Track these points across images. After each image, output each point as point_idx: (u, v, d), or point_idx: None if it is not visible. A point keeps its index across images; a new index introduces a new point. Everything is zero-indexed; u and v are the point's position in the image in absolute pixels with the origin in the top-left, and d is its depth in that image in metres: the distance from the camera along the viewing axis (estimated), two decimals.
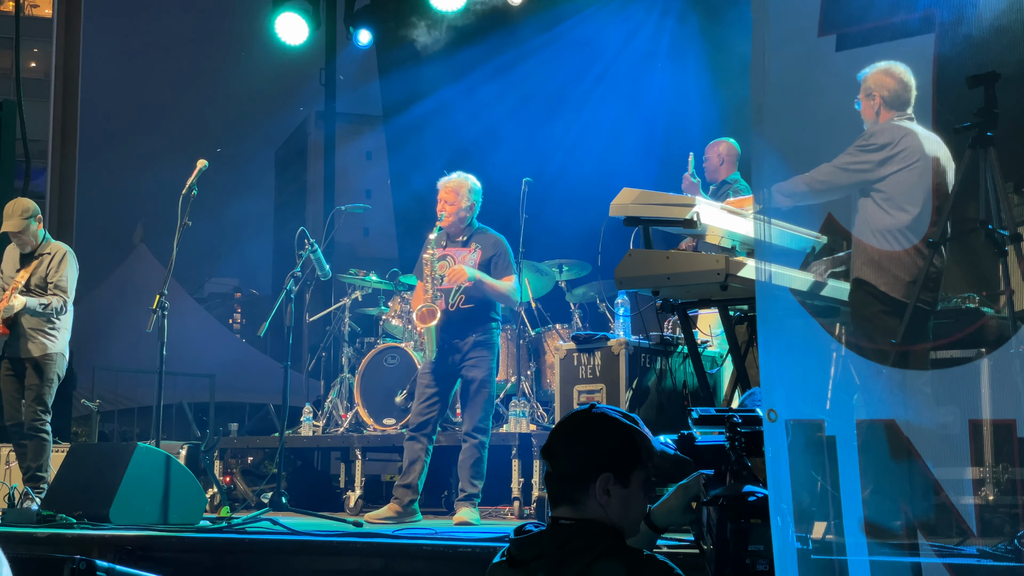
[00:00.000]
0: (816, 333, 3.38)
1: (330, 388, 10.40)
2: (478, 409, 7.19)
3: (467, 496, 7.14)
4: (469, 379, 7.22)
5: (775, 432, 3.06)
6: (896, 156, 4.52)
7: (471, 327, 7.23)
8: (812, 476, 3.10)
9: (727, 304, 5.72)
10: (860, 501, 3.04)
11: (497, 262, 7.27)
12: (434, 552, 5.20)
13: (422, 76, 13.22)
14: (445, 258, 7.29)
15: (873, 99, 4.59)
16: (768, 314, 3.19)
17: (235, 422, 11.93)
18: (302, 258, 7.65)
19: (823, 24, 3.41)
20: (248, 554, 5.69)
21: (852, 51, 3.49)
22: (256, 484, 10.43)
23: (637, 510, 2.96)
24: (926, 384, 3.14)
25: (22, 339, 7.80)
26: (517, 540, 2.93)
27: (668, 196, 5.40)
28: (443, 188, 7.38)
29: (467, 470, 7.16)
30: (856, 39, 3.48)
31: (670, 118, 11.13)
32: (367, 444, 9.38)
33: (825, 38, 3.42)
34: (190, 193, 7.42)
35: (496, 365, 7.33)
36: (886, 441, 3.07)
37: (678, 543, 4.56)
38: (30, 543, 6.05)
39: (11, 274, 7.94)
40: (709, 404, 5.94)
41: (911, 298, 4.40)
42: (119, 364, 19.61)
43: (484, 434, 7.19)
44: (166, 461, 6.95)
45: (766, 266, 3.24)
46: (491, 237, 7.38)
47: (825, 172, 4.33)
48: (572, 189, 11.14)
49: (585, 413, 3.00)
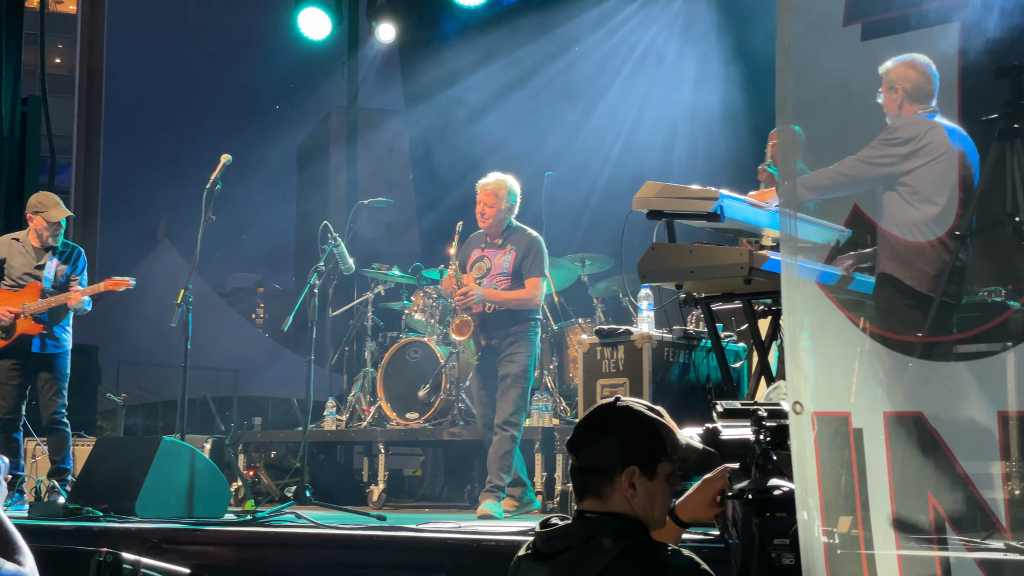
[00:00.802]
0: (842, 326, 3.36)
1: (353, 382, 10.43)
2: (509, 403, 7.23)
3: (492, 488, 7.15)
4: (504, 375, 7.29)
5: (801, 425, 3.04)
6: (921, 150, 4.49)
7: (507, 326, 7.34)
8: (837, 470, 3.08)
9: (751, 298, 5.71)
10: (888, 495, 3.02)
11: (526, 263, 7.34)
12: (458, 545, 5.21)
13: (444, 70, 13.23)
14: (483, 259, 7.46)
15: (896, 92, 4.56)
16: (794, 307, 3.17)
17: (258, 416, 11.95)
18: (326, 252, 7.66)
19: (848, 14, 3.39)
20: (273, 547, 5.71)
21: (877, 40, 3.45)
22: (279, 478, 10.46)
23: (663, 503, 2.95)
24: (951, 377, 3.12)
25: (44, 335, 7.85)
26: (542, 534, 2.93)
27: (691, 189, 5.38)
28: (482, 190, 7.46)
29: (495, 462, 7.19)
30: (881, 28, 3.45)
31: (694, 110, 11.11)
32: (390, 438, 9.39)
33: (850, 28, 3.39)
34: (214, 188, 7.44)
35: (533, 363, 7.40)
36: (914, 434, 3.05)
37: (703, 536, 4.55)
38: (57, 536, 6.08)
39: (28, 270, 7.92)
40: (733, 398, 5.92)
41: (936, 292, 4.38)
42: (143, 359, 19.70)
43: (514, 428, 7.22)
44: (191, 455, 6.98)
45: (792, 259, 3.22)
46: (526, 237, 7.44)
47: (849, 166, 4.30)
48: (595, 182, 11.13)
49: (610, 406, 2.99)
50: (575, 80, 12.29)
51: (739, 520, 3.08)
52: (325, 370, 13.47)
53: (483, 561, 4.97)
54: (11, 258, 8.00)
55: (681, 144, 11.04)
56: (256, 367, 22.55)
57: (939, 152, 4.45)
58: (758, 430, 3.21)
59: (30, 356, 7.89)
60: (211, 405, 14.81)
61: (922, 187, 4.41)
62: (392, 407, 9.45)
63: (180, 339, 7.38)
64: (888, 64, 4.06)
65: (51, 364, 7.91)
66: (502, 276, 7.38)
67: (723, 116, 10.70)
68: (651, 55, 11.75)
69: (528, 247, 7.38)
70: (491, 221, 7.42)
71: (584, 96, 12.12)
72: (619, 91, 11.86)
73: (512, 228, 7.50)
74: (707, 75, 11.02)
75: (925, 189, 4.39)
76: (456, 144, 12.97)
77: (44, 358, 7.90)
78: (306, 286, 7.52)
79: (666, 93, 11.47)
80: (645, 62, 11.79)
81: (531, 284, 7.33)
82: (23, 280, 7.91)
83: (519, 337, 7.32)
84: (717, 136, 10.70)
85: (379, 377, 9.60)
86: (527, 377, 7.32)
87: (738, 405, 3.43)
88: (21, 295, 7.85)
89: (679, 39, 11.62)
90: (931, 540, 2.98)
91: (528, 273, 7.33)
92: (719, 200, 5.24)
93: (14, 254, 8.00)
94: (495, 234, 7.49)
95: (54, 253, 7.98)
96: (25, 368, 7.92)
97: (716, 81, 10.89)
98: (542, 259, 7.40)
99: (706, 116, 10.84)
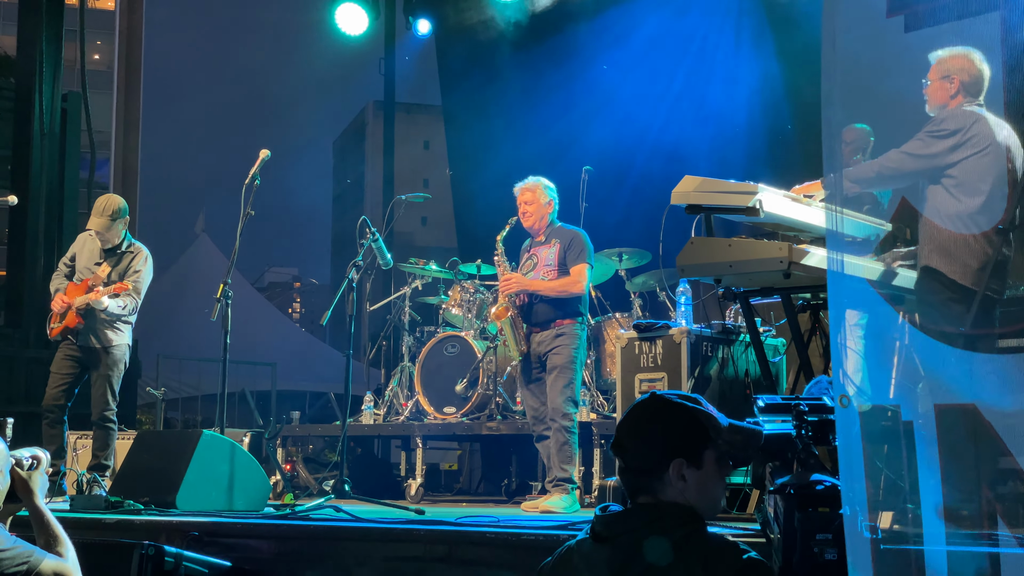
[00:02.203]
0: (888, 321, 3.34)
1: (391, 377, 10.45)
2: (556, 394, 7.25)
3: (554, 481, 7.20)
4: (551, 367, 7.33)
5: (847, 418, 3.01)
6: (967, 142, 4.45)
7: (551, 319, 7.40)
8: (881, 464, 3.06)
9: (790, 292, 5.68)
10: (939, 489, 2.99)
11: (569, 253, 7.43)
12: (497, 539, 5.21)
13: (481, 65, 13.23)
14: (531, 257, 7.58)
15: (951, 82, 4.50)
16: (840, 301, 3.15)
17: (297, 410, 12.00)
18: (364, 247, 7.68)
19: (891, 4, 3.37)
20: (312, 540, 5.73)
21: (920, 31, 3.43)
22: (318, 472, 10.50)
23: (716, 490, 2.92)
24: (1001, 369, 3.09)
25: (95, 329, 7.92)
26: (602, 518, 2.92)
27: (730, 184, 5.36)
28: (520, 193, 7.61)
29: (554, 456, 7.24)
30: (924, 19, 3.43)
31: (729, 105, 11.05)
32: (427, 432, 9.41)
33: (893, 19, 3.38)
34: (253, 183, 7.47)
35: (579, 354, 7.38)
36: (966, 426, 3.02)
37: (744, 531, 4.54)
38: (99, 529, 6.14)
39: (89, 265, 8.04)
40: (772, 392, 5.90)
41: (980, 285, 4.34)
42: (182, 352, 19.82)
43: (566, 419, 7.23)
44: (231, 448, 7.02)
45: (838, 255, 3.20)
46: (569, 232, 7.54)
47: (894, 159, 4.28)
48: (633, 177, 11.10)
49: (646, 403, 2.98)
50: (613, 73, 12.24)
51: (781, 515, 3.07)
52: (363, 364, 13.52)
53: (522, 555, 4.97)
54: (80, 253, 8.18)
55: (720, 138, 10.98)
56: (294, 361, 22.65)
57: (984, 144, 4.41)
58: (800, 425, 3.20)
59: (82, 350, 7.97)
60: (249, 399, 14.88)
61: (967, 179, 4.37)
62: (429, 401, 9.47)
63: (219, 333, 7.41)
64: (941, 53, 4.02)
65: (104, 360, 7.96)
66: (548, 268, 7.46)
67: (764, 109, 10.65)
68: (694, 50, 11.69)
69: (572, 239, 7.46)
70: (534, 219, 7.55)
71: (623, 89, 12.06)
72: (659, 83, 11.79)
73: (555, 226, 7.61)
74: (747, 67, 10.96)
75: (970, 181, 4.36)
76: (493, 139, 12.97)
77: (96, 352, 7.96)
78: (345, 280, 7.54)
79: (708, 85, 11.41)
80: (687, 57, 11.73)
81: (576, 271, 7.38)
82: (83, 273, 8.05)
83: (564, 329, 7.34)
84: (758, 129, 10.65)
85: (416, 371, 9.63)
86: (574, 368, 7.31)
87: (779, 400, 3.41)
88: (79, 288, 7.96)
89: (718, 31, 11.55)
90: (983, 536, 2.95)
91: (572, 262, 7.40)
92: (758, 194, 5.22)
93: (83, 249, 8.17)
94: (539, 232, 7.60)
95: (117, 253, 8.06)
96: (77, 360, 8.00)
97: (756, 73, 10.83)
98: (587, 250, 7.46)
99: (747, 110, 10.78)
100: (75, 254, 8.20)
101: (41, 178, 11.76)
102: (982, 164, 4.37)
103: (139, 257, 8.06)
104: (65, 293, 7.99)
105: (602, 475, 8.03)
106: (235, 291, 7.66)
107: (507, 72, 12.85)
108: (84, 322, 7.87)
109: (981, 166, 4.36)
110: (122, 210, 8.05)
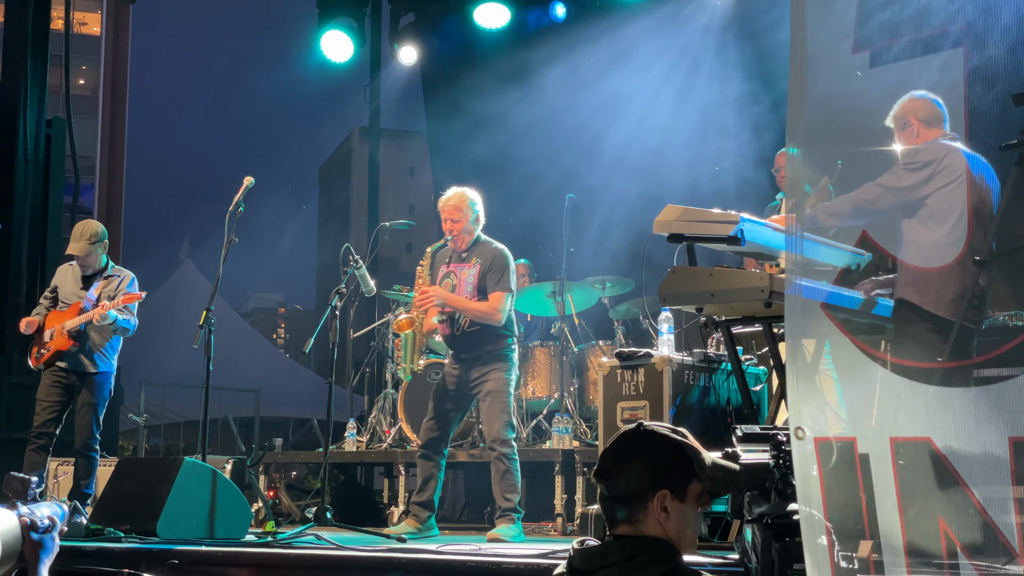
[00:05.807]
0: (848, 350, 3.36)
1: (374, 404, 10.45)
2: (494, 421, 7.11)
3: (500, 512, 7.12)
4: (484, 394, 7.18)
5: (804, 451, 3.04)
6: (940, 173, 4.49)
7: (479, 345, 7.21)
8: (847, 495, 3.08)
9: (771, 321, 5.71)
10: (899, 521, 3.01)
11: (489, 276, 7.19)
12: (478, 568, 5.21)
13: (465, 92, 13.27)
14: (450, 275, 7.32)
15: (910, 125, 4.56)
16: (795, 330, 3.18)
17: (279, 437, 11.99)
18: (347, 275, 7.68)
19: (857, 41, 3.42)
20: (294, 568, 5.72)
21: (885, 67, 3.48)
22: (300, 499, 10.48)
23: (694, 525, 2.93)
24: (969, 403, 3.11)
25: (85, 354, 7.91)
26: (580, 552, 2.92)
27: (711, 213, 5.39)
28: (444, 207, 7.32)
29: (496, 486, 7.12)
30: (889, 56, 3.48)
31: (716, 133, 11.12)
32: (410, 460, 9.38)
33: (859, 55, 3.43)
34: (237, 209, 7.48)
35: (511, 376, 7.23)
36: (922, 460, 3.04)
37: (722, 561, 4.55)
38: (79, 556, 6.11)
39: (75, 291, 8.04)
40: (753, 422, 5.91)
41: (957, 316, 4.37)
42: (165, 378, 19.77)
43: (505, 446, 7.07)
44: (212, 476, 7.01)
45: (798, 281, 3.23)
46: (491, 250, 7.28)
47: (870, 192, 4.31)
48: (616, 205, 11.15)
49: (634, 432, 2.99)
50: (596, 102, 12.31)
51: (759, 544, 3.08)
52: (346, 391, 13.51)
53: None
54: (63, 284, 8.17)
55: (704, 166, 11.05)
56: (277, 387, 22.61)
57: (956, 175, 4.46)
58: (777, 455, 3.22)
59: (69, 374, 7.95)
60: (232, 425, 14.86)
61: (939, 209, 4.42)
62: (412, 428, 9.46)
63: (202, 359, 7.41)
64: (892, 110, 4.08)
65: (90, 386, 7.95)
66: (467, 293, 7.21)
67: (752, 137, 10.72)
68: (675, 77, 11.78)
69: (492, 260, 7.20)
70: (460, 235, 7.28)
71: (604, 118, 12.13)
72: (640, 113, 11.87)
73: (479, 242, 7.34)
74: (732, 95, 11.04)
75: (941, 212, 4.40)
76: (477, 165, 13.00)
77: (83, 378, 7.94)
78: (328, 308, 7.54)
79: (690, 113, 11.49)
80: (669, 83, 11.81)
81: (494, 298, 7.13)
82: (68, 300, 8.04)
83: (492, 356, 7.17)
84: (745, 157, 10.71)
85: (400, 398, 9.63)
86: (507, 391, 7.15)
87: (757, 429, 3.44)
88: (64, 315, 7.95)
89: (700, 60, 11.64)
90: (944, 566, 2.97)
91: (492, 287, 7.16)
92: (739, 224, 5.25)
93: (66, 279, 8.16)
94: (461, 248, 7.33)
95: (102, 277, 8.06)
96: (64, 386, 7.98)
97: (742, 101, 10.91)
98: (508, 274, 7.21)
99: (735, 137, 10.85)
100: (56, 286, 8.20)
101: (25, 203, 11.74)
102: (953, 194, 4.41)
103: (127, 279, 8.07)
104: (45, 320, 7.98)
105: (584, 503, 8.03)
106: (219, 317, 7.66)
107: (491, 97, 12.89)
108: (77, 345, 7.86)
109: (952, 196, 4.41)
110: (100, 234, 8.06)
